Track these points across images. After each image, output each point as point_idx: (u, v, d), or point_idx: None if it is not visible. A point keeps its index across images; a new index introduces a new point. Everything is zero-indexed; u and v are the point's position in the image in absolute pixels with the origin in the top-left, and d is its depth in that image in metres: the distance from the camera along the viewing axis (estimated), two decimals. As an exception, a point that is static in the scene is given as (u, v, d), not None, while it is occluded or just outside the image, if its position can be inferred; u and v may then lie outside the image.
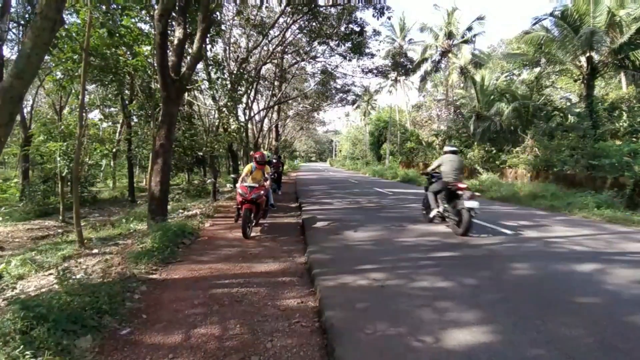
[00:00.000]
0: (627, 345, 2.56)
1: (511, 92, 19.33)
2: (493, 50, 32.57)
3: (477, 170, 17.13)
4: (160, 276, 4.20)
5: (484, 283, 3.91)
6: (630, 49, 13.51)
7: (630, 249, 5.48)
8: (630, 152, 11.04)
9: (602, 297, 3.49)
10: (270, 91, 21.48)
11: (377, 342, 2.64)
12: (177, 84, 7.34)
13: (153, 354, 2.56)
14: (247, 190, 6.46)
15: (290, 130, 42.62)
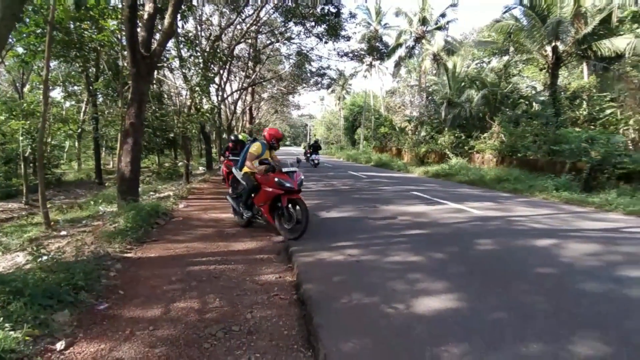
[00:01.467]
0: (579, 310, 2.83)
1: (481, 79, 19.87)
2: (465, 37, 33.15)
3: (447, 155, 17.67)
4: (135, 255, 4.17)
5: (452, 257, 4.15)
6: (594, 39, 14.15)
7: (583, 226, 5.92)
8: (588, 138, 11.71)
9: (557, 268, 3.79)
10: (244, 72, 21.01)
11: (353, 310, 2.78)
12: (148, 61, 7.07)
13: (133, 326, 2.58)
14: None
15: (265, 113, 41.99)
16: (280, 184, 4.73)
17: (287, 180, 4.75)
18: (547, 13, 14.59)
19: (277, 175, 4.77)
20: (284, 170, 4.86)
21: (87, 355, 2.21)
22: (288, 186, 4.71)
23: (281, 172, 4.83)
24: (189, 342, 2.40)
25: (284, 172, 4.84)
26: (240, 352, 2.31)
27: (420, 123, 23.47)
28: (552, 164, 12.30)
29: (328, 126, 57.89)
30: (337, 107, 53.76)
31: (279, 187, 4.73)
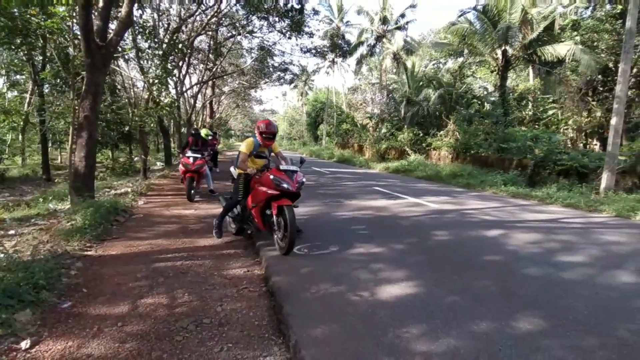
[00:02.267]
0: (523, 291, 3.16)
1: (437, 79, 20.75)
2: (423, 38, 34.31)
3: (407, 152, 18.34)
4: (96, 253, 4.04)
5: (411, 248, 4.41)
6: (538, 45, 15.26)
7: (528, 218, 6.47)
8: (532, 137, 12.67)
9: (504, 256, 4.17)
10: (204, 65, 20.45)
11: (321, 299, 2.93)
12: (104, 51, 6.77)
13: (100, 323, 2.56)
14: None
15: (226, 107, 41.06)
16: (277, 183, 3.97)
17: (284, 179, 4.00)
18: (498, 19, 15.53)
19: (275, 173, 4.06)
20: (282, 169, 4.13)
21: (55, 353, 2.18)
22: (285, 187, 3.97)
23: (279, 170, 4.11)
24: (160, 336, 2.42)
25: (280, 169, 4.12)
26: (213, 343, 2.37)
27: (381, 120, 24.11)
28: (501, 160, 13.18)
29: (290, 122, 57.70)
30: (300, 102, 53.70)
31: (275, 186, 3.97)
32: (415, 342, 2.28)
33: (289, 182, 4.00)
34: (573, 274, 3.59)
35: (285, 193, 4.02)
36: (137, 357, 2.18)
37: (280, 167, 4.13)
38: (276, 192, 4.01)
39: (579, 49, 13.90)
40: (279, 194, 4.01)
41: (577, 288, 3.24)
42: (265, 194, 4.09)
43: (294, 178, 4.08)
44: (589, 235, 5.26)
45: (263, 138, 4.42)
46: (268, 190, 4.06)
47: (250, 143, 4.45)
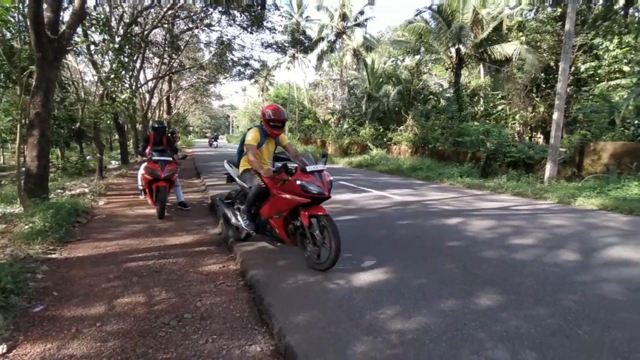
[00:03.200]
0: (481, 272, 3.47)
1: (396, 76, 21.41)
2: (381, 35, 35.14)
3: (369, 147, 18.82)
4: (61, 255, 3.90)
5: (380, 238, 4.65)
6: (488, 44, 16.19)
7: (483, 206, 6.97)
8: (484, 131, 13.50)
9: (464, 241, 4.51)
10: (160, 59, 19.68)
11: (299, 289, 3.05)
12: (55, 44, 6.43)
13: (77, 324, 2.52)
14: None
15: (183, 103, 39.74)
16: (305, 189, 3.26)
17: (313, 182, 3.28)
18: (452, 18, 16.28)
19: (300, 177, 3.32)
20: (309, 170, 3.34)
21: (35, 356, 2.15)
22: (317, 192, 3.27)
23: (303, 172, 3.35)
24: (142, 333, 2.44)
25: (307, 171, 3.34)
26: (197, 336, 2.43)
27: (343, 116, 24.50)
28: (457, 153, 13.92)
29: (251, 117, 56.87)
30: (261, 98, 53.05)
31: (305, 193, 3.26)
32: (390, 322, 2.47)
33: (319, 185, 3.29)
34: (524, 255, 3.98)
35: (316, 199, 3.35)
36: (122, 354, 2.20)
37: (306, 169, 3.34)
38: (306, 200, 3.32)
39: (524, 48, 14.94)
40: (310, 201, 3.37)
41: (528, 267, 3.61)
42: (292, 202, 3.38)
43: (322, 179, 3.36)
44: (535, 220, 5.78)
45: (271, 127, 3.76)
46: (295, 198, 3.35)
47: (256, 133, 3.79)
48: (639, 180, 7.82)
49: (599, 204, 6.91)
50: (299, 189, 3.29)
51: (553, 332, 2.36)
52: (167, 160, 5.92)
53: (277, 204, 3.52)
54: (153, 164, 5.82)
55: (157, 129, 6.49)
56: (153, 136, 6.48)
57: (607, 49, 13.77)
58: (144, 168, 6.18)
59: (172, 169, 5.90)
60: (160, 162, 5.84)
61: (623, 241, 4.59)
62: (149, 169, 5.82)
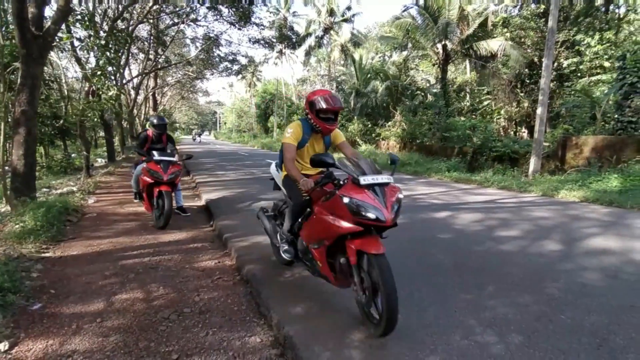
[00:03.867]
0: (470, 263, 3.60)
1: (384, 72, 21.55)
2: (369, 31, 35.25)
3: (357, 142, 18.95)
4: (54, 254, 3.89)
5: (371, 232, 4.76)
6: (474, 40, 16.44)
7: (470, 200, 7.15)
8: (471, 127, 13.76)
9: (452, 234, 4.65)
10: (145, 55, 19.39)
11: (295, 282, 3.14)
12: (40, 41, 6.32)
13: (78, 321, 2.55)
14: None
15: (170, 99, 39.21)
16: (355, 210, 2.14)
17: (369, 203, 2.13)
18: (438, 15, 16.46)
19: (350, 191, 2.20)
20: (364, 183, 2.20)
21: (38, 352, 2.18)
22: (372, 216, 2.12)
23: (356, 184, 2.23)
24: (143, 328, 2.49)
25: (361, 184, 2.20)
26: (197, 329, 2.49)
27: (331, 111, 24.52)
28: (444, 148, 14.16)
29: (239, 114, 56.49)
30: (248, 94, 52.71)
31: (354, 216, 2.14)
32: (384, 311, 2.57)
33: (378, 207, 2.12)
34: (510, 246, 4.14)
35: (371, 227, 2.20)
36: (125, 348, 2.24)
37: (360, 180, 2.19)
38: (354, 228, 2.18)
39: (509, 44, 15.21)
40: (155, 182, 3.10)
41: (514, 257, 3.77)
42: (337, 229, 2.26)
43: (385, 199, 2.19)
44: (521, 213, 5.98)
45: (320, 119, 2.75)
46: (341, 224, 2.23)
47: (298, 128, 2.87)
48: (619, 173, 8.12)
49: (580, 197, 7.15)
50: (346, 210, 2.16)
51: (538, 318, 2.50)
52: (171, 161, 5.16)
53: (315, 227, 2.52)
54: (154, 165, 5.04)
55: (157, 125, 5.65)
56: (152, 133, 5.72)
57: (589, 45, 14.11)
58: (142, 169, 5.32)
59: (176, 170, 5.15)
60: (163, 163, 5.07)
61: (603, 231, 4.80)
62: (149, 171, 5.02)
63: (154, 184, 5.07)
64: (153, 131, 5.70)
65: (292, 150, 2.84)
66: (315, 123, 2.81)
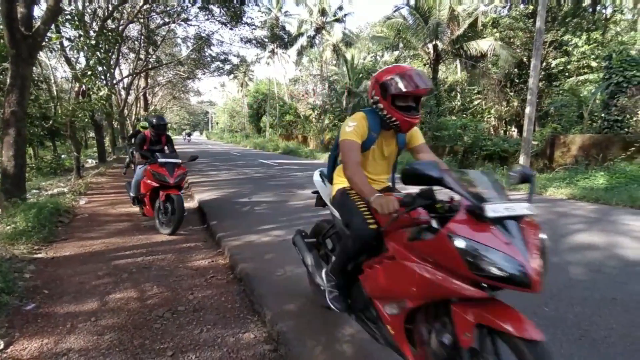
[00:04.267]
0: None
1: (376, 71, 21.64)
2: (360, 31, 35.39)
3: (350, 142, 19.02)
4: (47, 255, 3.89)
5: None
6: (464, 40, 16.63)
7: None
8: (462, 126, 13.93)
9: (442, 231, 4.73)
10: (136, 55, 19.26)
11: (289, 279, 3.19)
12: (30, 41, 6.28)
13: (72, 320, 2.57)
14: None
15: (161, 99, 38.94)
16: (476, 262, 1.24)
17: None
18: (429, 15, 16.61)
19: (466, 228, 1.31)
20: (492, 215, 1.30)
21: (33, 350, 2.20)
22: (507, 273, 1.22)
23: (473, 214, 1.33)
24: (137, 326, 2.52)
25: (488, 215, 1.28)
26: (192, 326, 2.52)
27: (324, 111, 24.64)
28: (436, 147, 14.30)
29: (231, 114, 56.29)
30: (240, 94, 52.54)
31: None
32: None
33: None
34: (498, 243, 4.23)
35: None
36: (120, 346, 2.27)
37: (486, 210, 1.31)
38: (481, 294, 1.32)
39: (498, 44, 15.43)
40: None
41: (502, 253, 3.85)
42: (437, 290, 1.38)
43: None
44: (510, 210, 6.08)
45: (397, 109, 1.89)
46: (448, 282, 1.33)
47: (362, 122, 2.00)
48: (605, 170, 8.31)
49: (568, 194, 7.31)
50: (459, 259, 1.28)
51: (522, 310, 2.56)
52: (176, 163, 4.83)
53: (393, 279, 1.60)
54: (159, 168, 4.71)
55: (156, 125, 5.35)
56: (150, 134, 5.43)
57: (576, 45, 14.39)
58: (145, 172, 5.02)
59: (182, 173, 4.84)
60: (168, 165, 4.74)
61: (588, 228, 4.93)
62: (154, 174, 4.71)
63: (158, 188, 4.79)
64: (151, 132, 5.44)
65: (356, 152, 1.95)
66: (390, 115, 1.90)
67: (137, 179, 5.35)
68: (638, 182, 7.41)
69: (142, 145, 5.35)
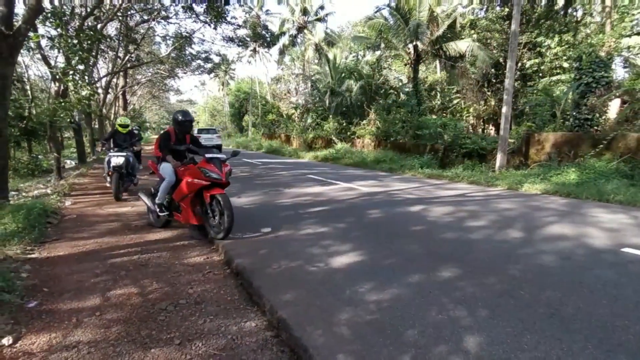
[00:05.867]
0: (442, 250, 3.93)
1: (358, 71, 21.93)
2: (342, 30, 35.63)
3: (333, 141, 19.25)
4: (40, 255, 3.91)
5: (351, 225, 5.02)
6: (444, 41, 17.04)
7: (442, 194, 7.56)
8: (441, 124, 14.31)
9: (426, 225, 4.99)
10: (115, 53, 18.89)
11: (284, 272, 3.35)
12: (11, 40, 6.19)
13: (77, 315, 2.66)
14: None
15: (140, 98, 38.18)
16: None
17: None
18: (409, 16, 16.96)
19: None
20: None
21: (42, 344, 2.29)
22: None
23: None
24: (142, 318, 2.63)
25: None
26: (195, 318, 2.65)
27: (307, 110, 24.74)
28: (417, 146, 14.67)
29: (212, 113, 55.67)
30: (221, 92, 52.03)
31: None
32: (367, 294, 2.84)
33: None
34: (478, 235, 4.52)
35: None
36: (127, 337, 2.39)
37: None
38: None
39: (476, 45, 15.90)
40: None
41: (481, 244, 4.13)
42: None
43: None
44: (488, 205, 6.42)
45: None
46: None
47: None
48: (576, 166, 8.78)
49: (542, 189, 7.72)
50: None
51: (501, 294, 2.83)
52: (221, 158, 4.37)
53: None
54: (207, 164, 4.25)
55: (181, 122, 4.78)
56: (174, 131, 4.85)
57: (549, 46, 15.00)
58: (188, 172, 4.44)
59: (228, 170, 4.41)
60: (216, 161, 4.28)
61: (560, 220, 5.28)
62: (203, 171, 4.22)
63: (205, 188, 4.32)
64: (176, 129, 4.83)
65: None
66: None
67: (170, 180, 4.70)
68: (606, 177, 7.89)
69: (168, 145, 4.76)
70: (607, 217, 5.40)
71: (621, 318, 2.46)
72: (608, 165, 8.30)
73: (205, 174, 4.22)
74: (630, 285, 3.01)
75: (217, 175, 4.21)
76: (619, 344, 2.16)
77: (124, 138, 7.78)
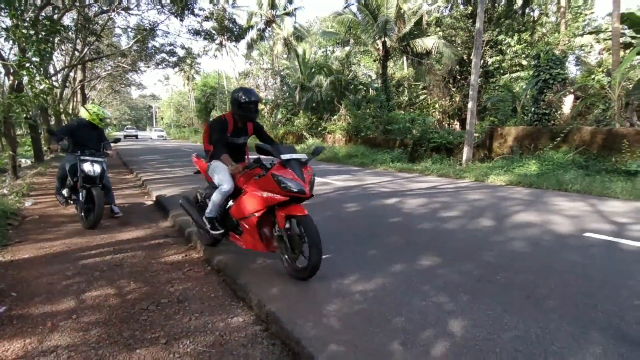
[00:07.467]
0: (420, 240, 4.05)
1: (328, 66, 21.99)
2: (311, 25, 35.52)
3: (304, 136, 19.23)
4: (4, 258, 3.66)
5: (329, 219, 5.07)
6: (411, 38, 17.42)
7: (414, 187, 7.77)
8: (410, 120, 14.67)
9: (403, 217, 5.12)
10: (72, 46, 17.84)
11: (268, 268, 3.32)
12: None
13: (52, 319, 2.52)
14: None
15: (99, 93, 36.33)
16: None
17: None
18: (378, 12, 17.17)
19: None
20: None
21: (17, 350, 2.16)
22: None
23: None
24: (123, 319, 2.53)
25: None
26: (179, 316, 2.59)
27: (276, 106, 24.54)
28: (387, 141, 14.96)
29: (177, 108, 53.95)
30: (187, 87, 50.51)
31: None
32: (353, 285, 2.88)
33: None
34: (452, 225, 4.69)
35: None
36: (109, 339, 2.30)
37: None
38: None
39: (441, 43, 16.37)
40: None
41: (456, 233, 4.30)
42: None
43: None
44: (458, 196, 6.67)
45: None
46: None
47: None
48: (536, 159, 9.30)
49: (506, 180, 8.11)
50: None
51: (479, 280, 2.97)
52: (300, 161, 2.99)
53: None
54: (283, 170, 2.88)
55: (244, 105, 3.28)
56: (233, 118, 3.42)
57: (509, 44, 15.71)
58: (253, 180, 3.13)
59: (311, 177, 2.99)
60: (294, 164, 2.92)
61: (526, 208, 5.59)
62: (278, 180, 2.83)
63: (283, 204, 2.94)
64: (236, 113, 3.35)
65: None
66: None
67: (228, 189, 3.31)
68: (563, 168, 8.42)
69: (224, 137, 3.41)
70: (568, 205, 5.77)
71: (590, 297, 2.65)
72: (565, 157, 8.85)
73: (281, 185, 2.82)
74: (595, 266, 3.25)
75: (298, 187, 2.81)
76: (591, 321, 2.33)
77: (93, 136, 5.22)
